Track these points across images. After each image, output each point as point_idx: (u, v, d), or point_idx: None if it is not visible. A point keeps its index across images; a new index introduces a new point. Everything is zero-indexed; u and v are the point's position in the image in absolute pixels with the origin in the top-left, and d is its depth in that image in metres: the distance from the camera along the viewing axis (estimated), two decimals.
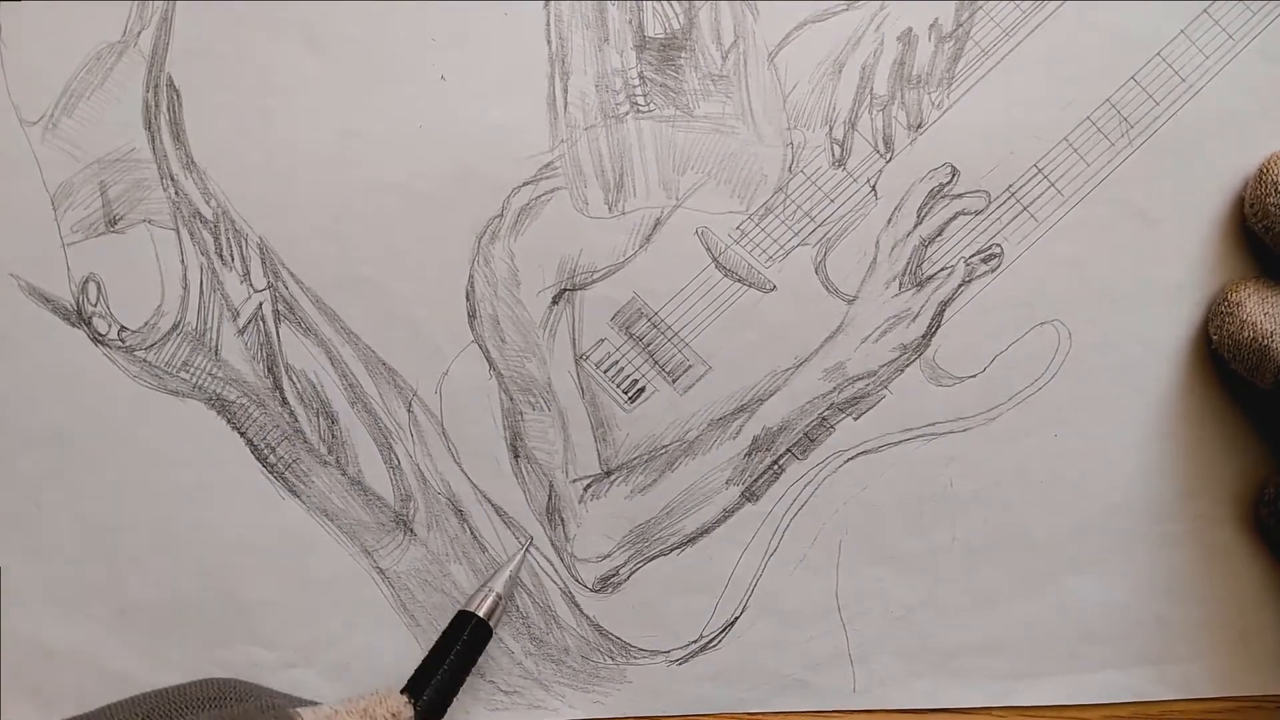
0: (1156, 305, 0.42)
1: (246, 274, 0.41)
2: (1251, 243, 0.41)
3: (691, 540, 0.42)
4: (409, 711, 0.37)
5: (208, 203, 0.41)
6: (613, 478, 0.42)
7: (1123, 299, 0.42)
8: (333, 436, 0.41)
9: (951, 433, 0.42)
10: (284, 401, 0.41)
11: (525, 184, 0.41)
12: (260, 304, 0.41)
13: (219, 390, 0.41)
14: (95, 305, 0.41)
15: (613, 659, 0.42)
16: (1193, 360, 0.42)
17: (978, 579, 0.42)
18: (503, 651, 0.42)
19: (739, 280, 0.41)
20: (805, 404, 0.42)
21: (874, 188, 0.41)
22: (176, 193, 0.41)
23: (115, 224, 0.41)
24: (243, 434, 0.41)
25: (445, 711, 0.38)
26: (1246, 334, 0.38)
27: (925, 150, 0.41)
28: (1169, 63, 0.41)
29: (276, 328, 0.41)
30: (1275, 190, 0.39)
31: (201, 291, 0.41)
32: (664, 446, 0.42)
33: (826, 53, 0.41)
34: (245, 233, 0.41)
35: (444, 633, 0.39)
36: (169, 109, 0.41)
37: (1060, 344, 0.42)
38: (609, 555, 0.42)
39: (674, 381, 0.42)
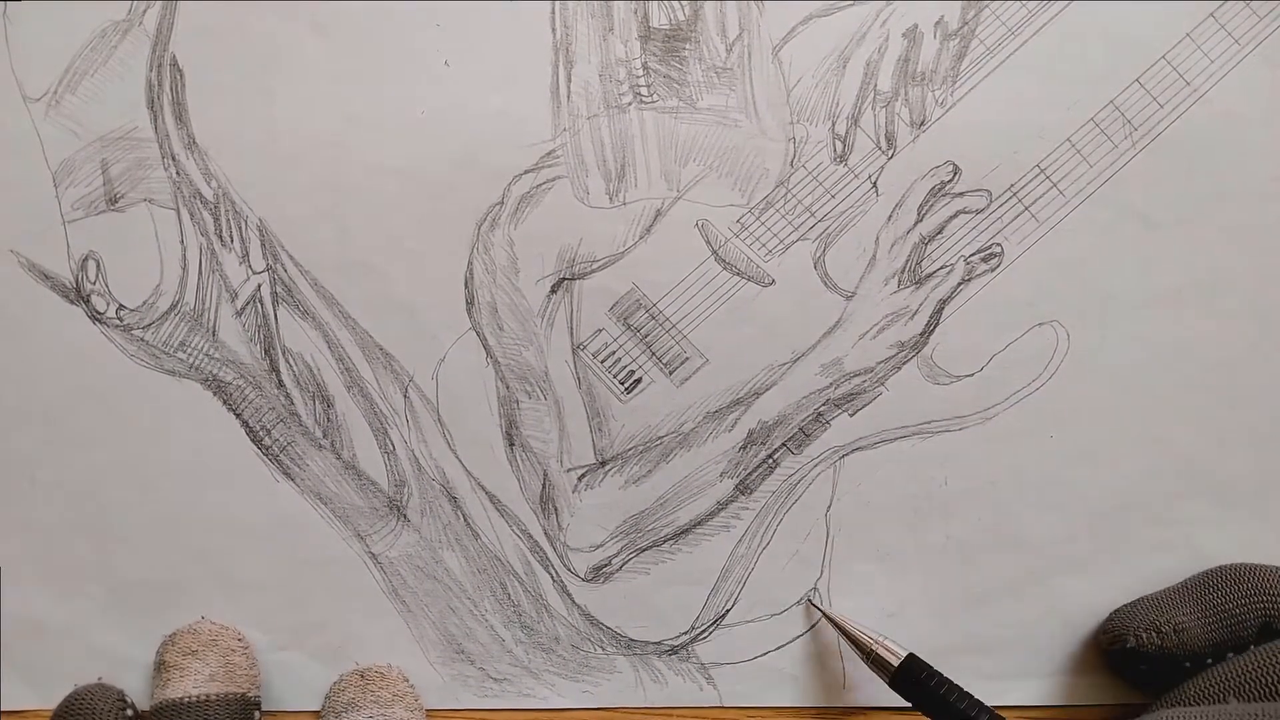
0: (1155, 308, 0.42)
1: (245, 255, 0.41)
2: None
3: (684, 532, 0.42)
4: None
5: (208, 183, 0.41)
6: (607, 468, 0.42)
7: (1122, 301, 0.42)
8: (328, 420, 0.41)
9: (947, 431, 0.42)
10: (280, 384, 0.41)
11: (526, 172, 0.41)
12: (259, 286, 0.41)
13: (215, 371, 0.41)
14: (94, 283, 0.41)
15: (603, 649, 0.42)
16: (1189, 365, 0.42)
17: (970, 578, 0.42)
18: (493, 639, 0.42)
19: (738, 274, 0.41)
20: (801, 399, 0.42)
21: (875, 184, 0.41)
22: (178, 173, 0.41)
23: (116, 202, 0.41)
24: (238, 415, 0.41)
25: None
26: None
27: (927, 148, 0.41)
28: (1174, 65, 0.41)
29: (274, 310, 0.41)
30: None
31: (200, 272, 0.41)
32: (659, 438, 0.42)
33: (831, 48, 0.41)
34: (245, 214, 0.41)
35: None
36: (172, 89, 0.41)
37: (1058, 345, 0.42)
38: (602, 545, 0.42)
39: (671, 373, 0.42)
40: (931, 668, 0.39)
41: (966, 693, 0.38)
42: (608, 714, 0.42)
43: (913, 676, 0.38)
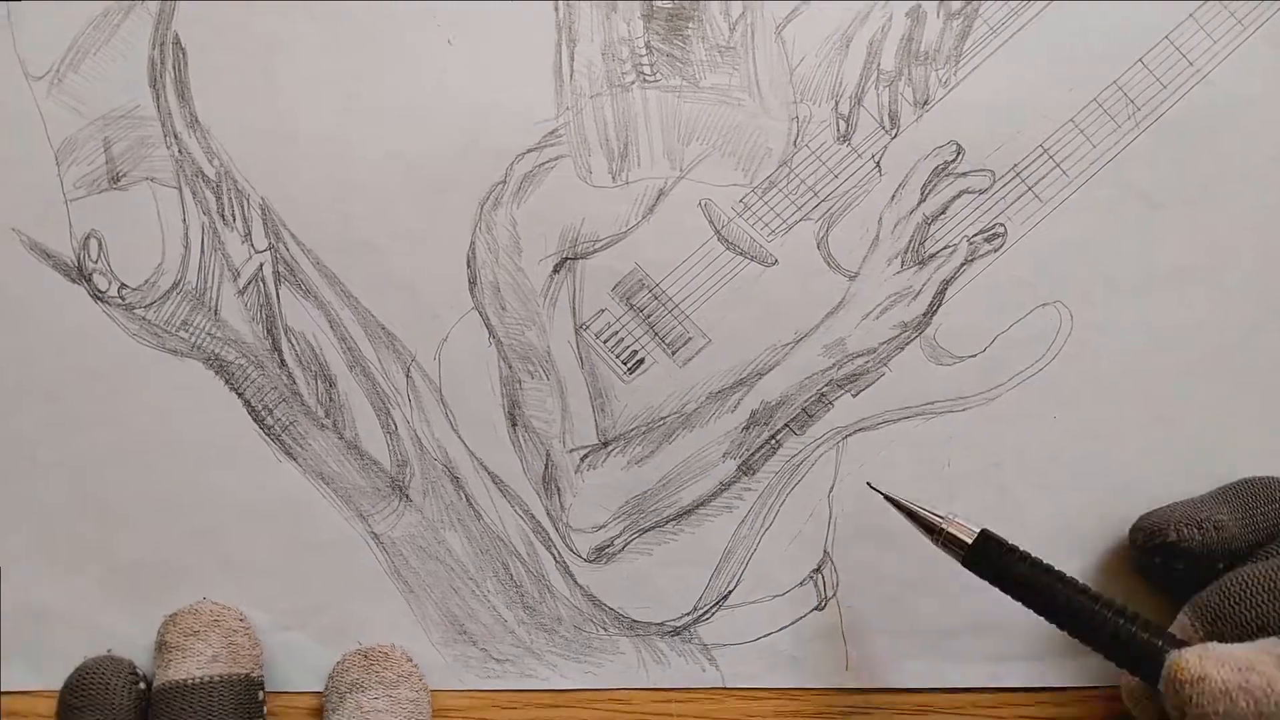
0: (1159, 289, 0.41)
1: (248, 234, 0.41)
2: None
3: (687, 513, 0.42)
4: None
5: (210, 162, 0.41)
6: (610, 448, 0.42)
7: (1125, 282, 0.41)
8: (330, 400, 0.41)
9: (951, 412, 0.42)
10: (282, 363, 0.41)
11: (529, 151, 0.41)
12: (261, 265, 0.41)
13: (217, 350, 0.41)
14: (96, 262, 0.41)
15: (606, 630, 0.42)
16: (1192, 345, 0.42)
17: None
18: (495, 619, 0.42)
19: (741, 253, 0.41)
20: (804, 379, 0.42)
21: (878, 164, 0.41)
22: (180, 151, 0.41)
23: (118, 181, 0.41)
24: (240, 395, 0.41)
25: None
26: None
27: (931, 127, 0.41)
28: (1177, 46, 0.41)
29: (276, 289, 0.41)
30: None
31: (202, 251, 0.41)
32: (662, 418, 0.42)
33: (834, 27, 0.41)
34: (247, 193, 0.41)
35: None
36: (174, 67, 0.41)
37: (1061, 325, 0.42)
38: (604, 526, 0.42)
39: (673, 353, 0.42)
40: (1009, 544, 0.36)
41: (1049, 566, 0.36)
42: (610, 694, 0.42)
43: (988, 554, 0.36)
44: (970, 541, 0.36)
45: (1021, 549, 0.37)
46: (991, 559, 0.36)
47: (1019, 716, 0.41)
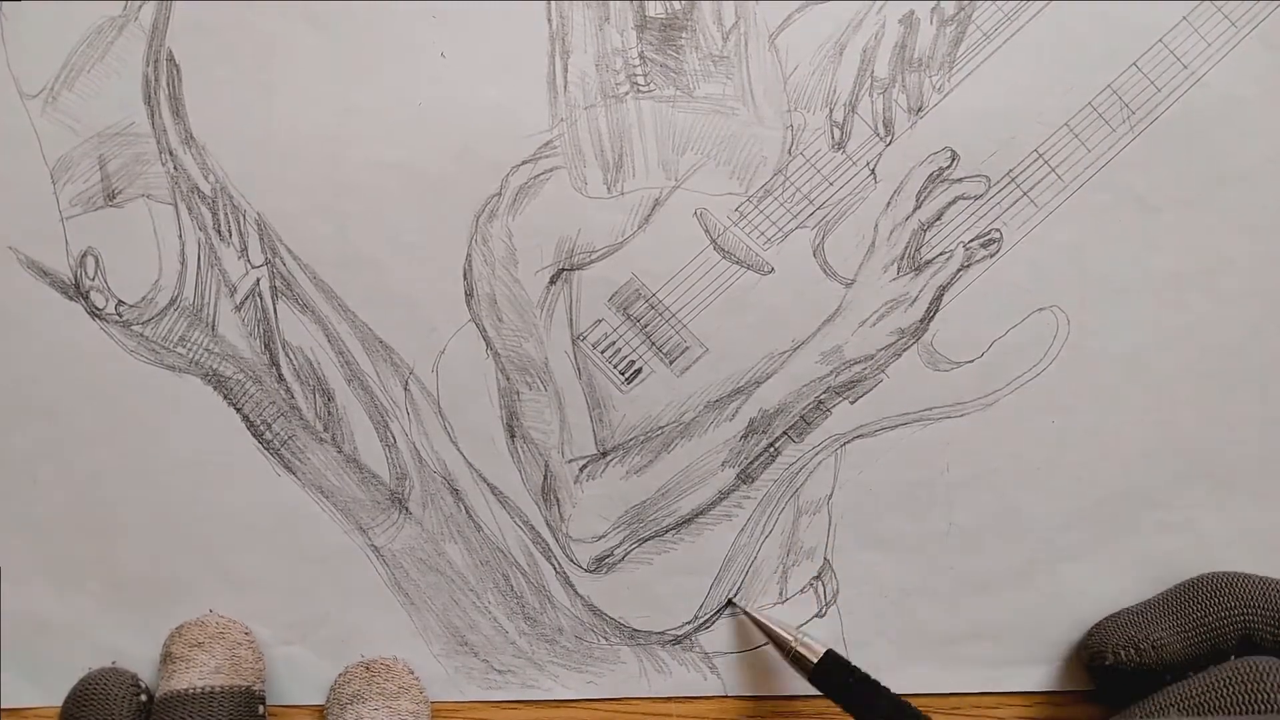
0: (1155, 292, 0.41)
1: (244, 250, 0.41)
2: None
3: (686, 522, 0.42)
4: None
5: (206, 178, 0.41)
6: (609, 458, 0.42)
7: (1122, 286, 0.41)
8: (329, 414, 0.41)
9: (949, 418, 0.42)
10: (280, 378, 0.41)
11: (524, 163, 0.41)
12: (258, 280, 0.41)
13: (215, 366, 0.41)
14: (93, 279, 0.41)
15: (607, 639, 0.42)
16: (1190, 348, 0.42)
17: (973, 565, 0.42)
18: (496, 631, 0.42)
19: (737, 262, 0.41)
20: (802, 387, 0.42)
21: (873, 171, 0.41)
22: (175, 168, 0.41)
23: (114, 198, 0.41)
24: (239, 410, 0.41)
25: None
26: None
27: (925, 134, 0.41)
28: (1171, 49, 0.41)
29: (274, 304, 0.41)
30: None
31: (199, 267, 0.41)
32: (660, 428, 0.42)
33: (828, 35, 0.41)
34: (243, 208, 0.41)
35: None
36: (169, 83, 0.41)
37: (1059, 330, 0.42)
38: (604, 536, 0.42)
39: (671, 363, 0.42)
40: (850, 664, 0.39)
41: (885, 688, 0.38)
42: (612, 704, 0.42)
43: (831, 673, 0.39)
44: (815, 660, 0.39)
45: (864, 671, 0.38)
46: (834, 677, 0.39)
47: (1018, 719, 0.42)
